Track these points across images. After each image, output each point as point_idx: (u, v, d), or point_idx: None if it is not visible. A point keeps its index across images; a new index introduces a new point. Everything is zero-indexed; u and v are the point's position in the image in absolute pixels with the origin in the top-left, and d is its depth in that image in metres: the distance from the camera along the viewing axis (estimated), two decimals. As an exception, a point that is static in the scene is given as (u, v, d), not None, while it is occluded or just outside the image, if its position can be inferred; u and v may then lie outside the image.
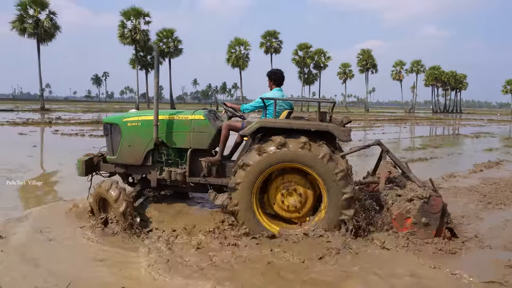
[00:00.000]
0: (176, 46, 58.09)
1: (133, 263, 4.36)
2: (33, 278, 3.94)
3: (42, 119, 29.01)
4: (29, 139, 16.60)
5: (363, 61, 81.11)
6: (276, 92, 5.90)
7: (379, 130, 27.93)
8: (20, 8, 45.33)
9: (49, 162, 10.75)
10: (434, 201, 4.76)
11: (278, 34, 67.06)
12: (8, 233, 5.11)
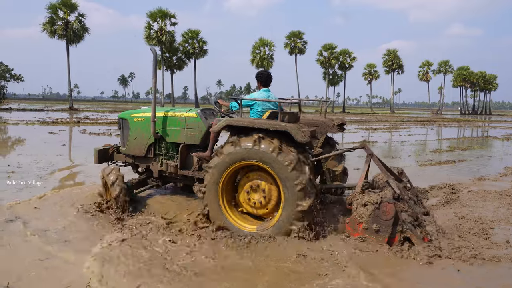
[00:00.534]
0: (201, 47, 58.56)
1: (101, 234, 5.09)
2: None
3: (71, 119, 29.69)
4: (58, 138, 17.00)
5: (389, 61, 79.96)
6: (263, 92, 6.05)
7: (405, 131, 27.48)
8: (50, 10, 46.61)
9: (77, 161, 10.97)
10: (385, 208, 4.58)
11: (303, 34, 66.80)
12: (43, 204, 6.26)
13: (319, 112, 74.86)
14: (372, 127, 32.24)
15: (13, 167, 9.68)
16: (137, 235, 5.02)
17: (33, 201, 6.55)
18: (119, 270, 4.06)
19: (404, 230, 4.61)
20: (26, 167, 9.76)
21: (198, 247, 4.74)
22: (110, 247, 4.63)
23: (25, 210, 6.01)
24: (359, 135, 23.00)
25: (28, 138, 16.68)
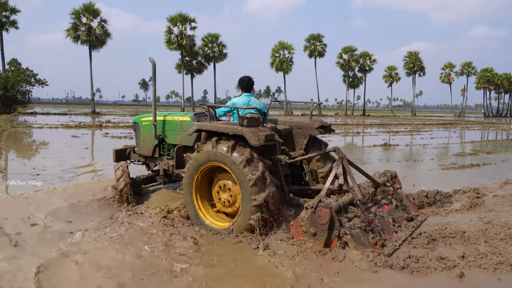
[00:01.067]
0: (220, 51, 58.83)
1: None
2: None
3: (93, 122, 30.22)
4: (81, 141, 17.32)
5: (410, 63, 78.89)
6: (244, 97, 6.23)
7: (427, 134, 27.06)
8: (74, 16, 47.59)
9: (98, 165, 11.13)
10: (320, 212, 4.64)
11: (322, 37, 66.61)
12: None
13: (339, 114, 74.13)
14: (393, 130, 31.85)
15: (38, 169, 9.88)
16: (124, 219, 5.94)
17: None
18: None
19: (341, 235, 4.62)
20: (51, 169, 9.96)
21: (157, 226, 5.63)
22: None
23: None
24: (380, 138, 22.74)
25: (52, 142, 17.03)
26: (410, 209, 6.10)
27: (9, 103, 40.71)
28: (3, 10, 46.91)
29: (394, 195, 6.01)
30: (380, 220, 5.19)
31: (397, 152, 16.03)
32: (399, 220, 5.58)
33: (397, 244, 4.88)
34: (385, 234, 5.06)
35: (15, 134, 19.65)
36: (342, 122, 43.47)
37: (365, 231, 4.78)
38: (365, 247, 4.60)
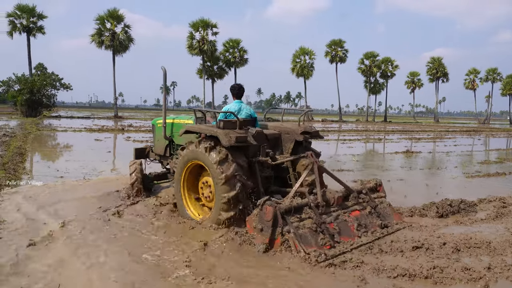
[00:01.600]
0: (241, 56, 59.06)
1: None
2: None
3: (116, 126, 30.64)
4: (104, 144, 17.57)
5: (433, 69, 77.70)
6: (235, 104, 6.76)
7: (450, 142, 26.59)
8: (98, 22, 48.57)
9: (120, 170, 11.27)
10: (265, 210, 4.90)
11: (344, 43, 66.29)
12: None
13: (360, 120, 73.53)
14: (416, 136, 31.38)
15: (61, 172, 10.07)
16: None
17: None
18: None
19: (284, 232, 4.82)
20: (73, 172, 10.13)
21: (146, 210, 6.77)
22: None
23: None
24: (402, 145, 22.43)
25: (76, 145, 17.33)
26: (390, 217, 6.15)
27: (35, 106, 41.70)
28: (30, 16, 48.20)
29: (369, 202, 6.04)
30: (340, 224, 5.35)
31: (420, 159, 15.78)
32: (370, 226, 5.66)
33: (349, 248, 4.98)
34: (343, 238, 5.19)
35: (40, 137, 20.06)
36: (363, 128, 43.06)
37: (315, 232, 4.99)
38: (309, 246, 4.76)
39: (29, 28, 48.29)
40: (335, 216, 5.43)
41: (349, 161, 14.29)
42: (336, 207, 5.64)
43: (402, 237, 5.43)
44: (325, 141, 24.22)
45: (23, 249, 4.75)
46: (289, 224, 4.88)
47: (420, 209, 6.97)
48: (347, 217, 5.55)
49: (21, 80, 41.79)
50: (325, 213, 5.41)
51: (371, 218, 5.84)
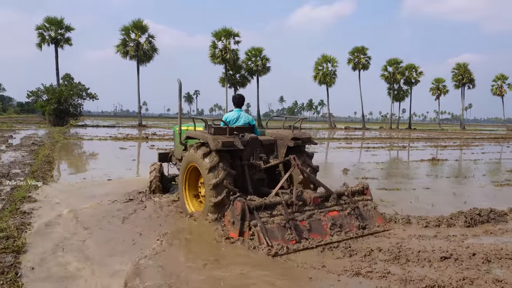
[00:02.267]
0: (264, 64, 59.28)
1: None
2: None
3: (140, 135, 31.10)
4: (129, 153, 17.84)
5: (458, 75, 76.24)
6: (234, 112, 7.49)
7: (477, 149, 25.93)
8: (123, 32, 49.60)
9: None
10: (235, 205, 5.45)
11: (367, 50, 65.77)
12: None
13: (383, 128, 72.62)
14: (441, 144, 30.77)
15: (88, 180, 10.24)
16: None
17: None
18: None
19: (250, 226, 5.32)
20: (99, 180, 10.29)
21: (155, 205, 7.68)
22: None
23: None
24: (427, 153, 22.02)
25: (101, 153, 17.63)
26: (372, 220, 6.33)
27: (62, 115, 42.75)
28: (58, 28, 49.56)
29: (349, 203, 6.30)
30: (313, 222, 5.72)
31: (446, 167, 15.45)
32: (346, 227, 5.93)
33: (314, 244, 5.31)
34: (312, 235, 5.55)
35: (67, 146, 20.50)
36: (387, 136, 42.51)
37: (283, 228, 5.42)
38: (275, 239, 5.22)
39: (57, 40, 49.64)
40: (308, 214, 5.81)
41: (373, 169, 14.11)
42: (312, 206, 5.96)
43: (430, 247, 5.31)
44: (349, 149, 24.01)
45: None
46: (257, 218, 5.37)
47: (448, 218, 6.78)
48: (322, 217, 5.89)
49: (49, 90, 42.93)
50: (299, 212, 5.80)
51: (349, 219, 6.09)
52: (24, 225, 5.77)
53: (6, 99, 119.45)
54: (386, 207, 7.88)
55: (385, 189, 9.91)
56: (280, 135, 7.26)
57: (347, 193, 6.43)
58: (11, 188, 8.53)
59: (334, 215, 6.02)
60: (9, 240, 4.98)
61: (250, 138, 6.79)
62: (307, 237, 5.48)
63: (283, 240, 5.25)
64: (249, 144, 6.74)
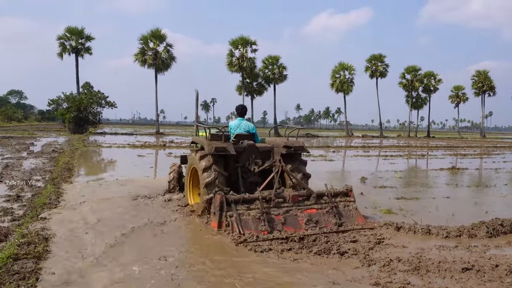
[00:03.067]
0: (281, 72, 59.39)
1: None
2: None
3: (157, 142, 31.37)
4: (147, 160, 17.99)
5: (478, 83, 75.11)
6: (237, 121, 8.36)
7: (499, 158, 25.44)
8: (142, 41, 50.33)
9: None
10: (216, 198, 6.25)
11: (384, 57, 65.37)
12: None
13: (401, 136, 71.91)
14: (461, 152, 30.28)
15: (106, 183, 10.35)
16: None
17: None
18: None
19: (227, 216, 6.13)
20: (119, 181, 10.38)
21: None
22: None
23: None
24: (447, 161, 21.68)
25: (120, 161, 17.84)
26: (352, 219, 6.76)
27: (82, 123, 43.46)
28: (79, 38, 50.54)
29: (328, 203, 6.80)
30: (289, 217, 6.38)
31: (466, 176, 15.19)
32: (323, 223, 6.47)
33: (285, 236, 5.95)
34: (286, 228, 6.19)
35: (86, 153, 20.81)
36: (405, 144, 42.03)
37: (258, 220, 6.12)
38: (248, 229, 5.97)
39: (78, 49, 50.60)
40: (285, 210, 6.47)
41: (392, 177, 13.94)
42: (291, 203, 6.59)
43: (450, 258, 5.21)
44: (366, 157, 23.80)
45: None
46: (234, 210, 6.16)
47: (469, 228, 6.64)
48: (299, 213, 6.52)
49: (69, 98, 43.72)
50: (276, 207, 6.47)
51: (327, 217, 6.62)
52: (45, 231, 5.85)
53: (27, 107, 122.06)
54: (405, 216, 7.77)
55: (404, 198, 9.78)
56: (276, 142, 7.87)
57: (327, 193, 6.91)
58: (32, 195, 8.68)
59: (311, 212, 6.62)
60: (30, 246, 5.05)
61: (247, 145, 7.53)
62: (280, 229, 6.12)
63: (255, 230, 5.97)
64: (246, 150, 7.50)
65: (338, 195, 7.07)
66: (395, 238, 6.20)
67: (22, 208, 7.50)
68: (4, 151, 18.95)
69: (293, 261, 5.11)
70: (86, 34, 51.02)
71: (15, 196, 8.42)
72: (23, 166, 13.46)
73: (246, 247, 5.51)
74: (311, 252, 5.40)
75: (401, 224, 6.74)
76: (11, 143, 24.37)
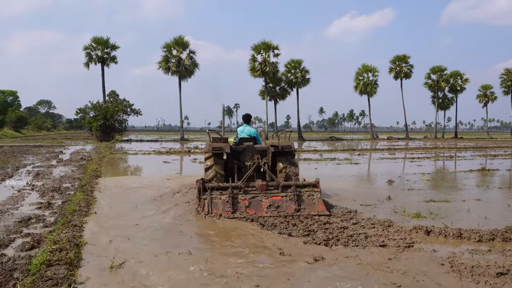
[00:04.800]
0: (303, 76, 59.07)
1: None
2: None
3: (182, 149, 31.68)
4: (172, 166, 18.18)
5: (507, 81, 73.09)
6: (242, 126, 10.05)
7: (531, 158, 24.65)
8: (165, 49, 51.05)
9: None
10: (197, 184, 8.08)
11: (408, 58, 64.36)
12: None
13: (428, 137, 70.29)
14: (491, 153, 29.51)
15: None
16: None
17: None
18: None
19: (202, 198, 7.95)
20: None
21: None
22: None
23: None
24: (476, 163, 21.15)
25: (146, 167, 18.08)
26: (313, 206, 7.93)
27: (108, 131, 44.33)
28: (105, 47, 51.63)
29: (292, 192, 8.01)
30: (253, 202, 7.86)
31: (497, 178, 14.77)
32: (283, 208, 7.82)
33: (242, 217, 7.52)
34: (249, 210, 7.72)
35: (113, 160, 21.17)
36: (432, 146, 41.23)
37: (227, 202, 7.76)
38: (216, 209, 7.71)
39: (103, 59, 51.64)
40: (251, 196, 7.92)
41: (419, 180, 13.67)
42: (259, 191, 7.98)
43: (484, 262, 5.06)
44: (393, 160, 23.44)
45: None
46: (208, 194, 7.85)
47: (503, 232, 6.44)
48: (264, 199, 7.91)
49: (96, 107, 44.68)
50: (245, 193, 7.94)
51: (289, 203, 7.89)
52: (76, 238, 5.97)
53: (56, 116, 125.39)
54: (434, 220, 7.60)
55: (433, 201, 9.57)
56: (270, 144, 9.44)
57: (292, 184, 8.08)
58: (62, 202, 8.88)
59: (276, 199, 7.95)
60: (62, 252, 5.15)
61: (246, 146, 9.25)
62: (243, 211, 7.70)
63: (222, 210, 7.68)
64: (245, 150, 9.22)
65: (306, 186, 8.19)
66: (425, 242, 6.07)
67: (53, 215, 7.68)
68: (35, 160, 19.48)
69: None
70: (111, 43, 52.04)
71: (46, 203, 8.63)
72: (53, 174, 13.79)
73: (214, 219, 7.48)
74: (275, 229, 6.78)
75: (431, 228, 6.60)
76: (41, 152, 25.04)
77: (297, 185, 8.11)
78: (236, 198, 7.84)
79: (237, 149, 9.21)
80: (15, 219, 7.24)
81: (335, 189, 10.77)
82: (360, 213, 8.11)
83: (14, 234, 6.25)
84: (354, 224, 7.14)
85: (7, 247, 5.62)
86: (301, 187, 8.16)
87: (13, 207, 8.32)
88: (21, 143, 35.76)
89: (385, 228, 6.84)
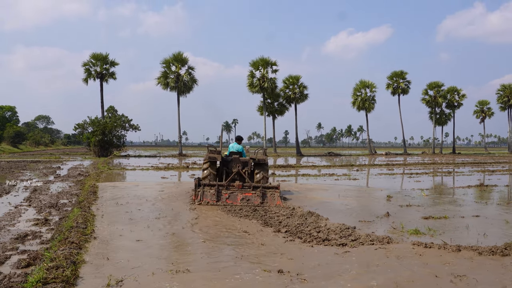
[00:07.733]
0: (301, 92, 59.40)
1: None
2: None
3: (180, 164, 31.60)
4: (170, 182, 18.09)
5: (504, 97, 73.64)
6: (232, 144, 13.04)
7: (529, 174, 24.65)
8: (164, 65, 51.39)
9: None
10: (194, 181, 11.16)
11: (406, 74, 64.94)
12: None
13: (426, 153, 70.34)
14: (489, 169, 29.53)
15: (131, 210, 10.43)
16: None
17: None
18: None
19: (197, 192, 10.96)
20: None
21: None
22: None
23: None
24: (474, 178, 21.15)
25: (143, 183, 18.00)
26: (273, 201, 10.96)
27: (106, 146, 44.31)
28: (104, 64, 51.92)
29: (260, 191, 11.05)
30: (232, 195, 11.01)
31: (496, 194, 14.75)
32: (252, 201, 10.91)
33: (222, 205, 10.63)
34: (228, 201, 10.86)
35: (111, 176, 21.09)
36: (430, 161, 41.26)
37: (213, 195, 10.90)
38: (206, 199, 10.85)
39: (102, 75, 51.92)
40: (231, 191, 11.07)
41: (418, 196, 13.65)
42: (237, 189, 11.10)
43: (487, 281, 5.02)
44: (391, 175, 23.42)
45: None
46: (201, 188, 11.01)
47: (502, 249, 6.41)
48: (240, 194, 11.03)
49: (95, 122, 44.80)
50: (227, 190, 11.08)
51: (256, 198, 10.96)
52: (73, 256, 5.91)
53: (54, 131, 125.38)
54: (433, 237, 7.56)
55: (432, 217, 9.53)
56: (250, 157, 12.48)
57: (260, 185, 11.16)
58: (59, 218, 8.82)
59: (248, 195, 11.06)
60: (58, 269, 5.09)
61: (234, 157, 12.26)
62: (224, 202, 10.84)
63: (210, 200, 10.86)
64: (232, 161, 12.21)
65: (270, 188, 11.19)
66: (421, 258, 6.04)
67: (50, 231, 7.62)
68: (33, 175, 19.40)
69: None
70: (111, 59, 52.41)
71: (43, 219, 8.57)
72: (51, 189, 13.73)
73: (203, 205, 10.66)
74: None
75: (430, 244, 6.56)
76: (38, 167, 24.96)
77: (263, 187, 11.20)
78: (220, 192, 11.02)
79: (227, 159, 12.34)
80: (11, 235, 7.18)
81: (332, 204, 10.72)
82: (359, 229, 8.07)
83: (10, 251, 6.19)
84: (353, 240, 7.08)
85: (2, 264, 5.56)
86: (266, 188, 11.20)
87: (9, 223, 8.26)
88: (19, 159, 35.66)
89: (384, 244, 6.80)
